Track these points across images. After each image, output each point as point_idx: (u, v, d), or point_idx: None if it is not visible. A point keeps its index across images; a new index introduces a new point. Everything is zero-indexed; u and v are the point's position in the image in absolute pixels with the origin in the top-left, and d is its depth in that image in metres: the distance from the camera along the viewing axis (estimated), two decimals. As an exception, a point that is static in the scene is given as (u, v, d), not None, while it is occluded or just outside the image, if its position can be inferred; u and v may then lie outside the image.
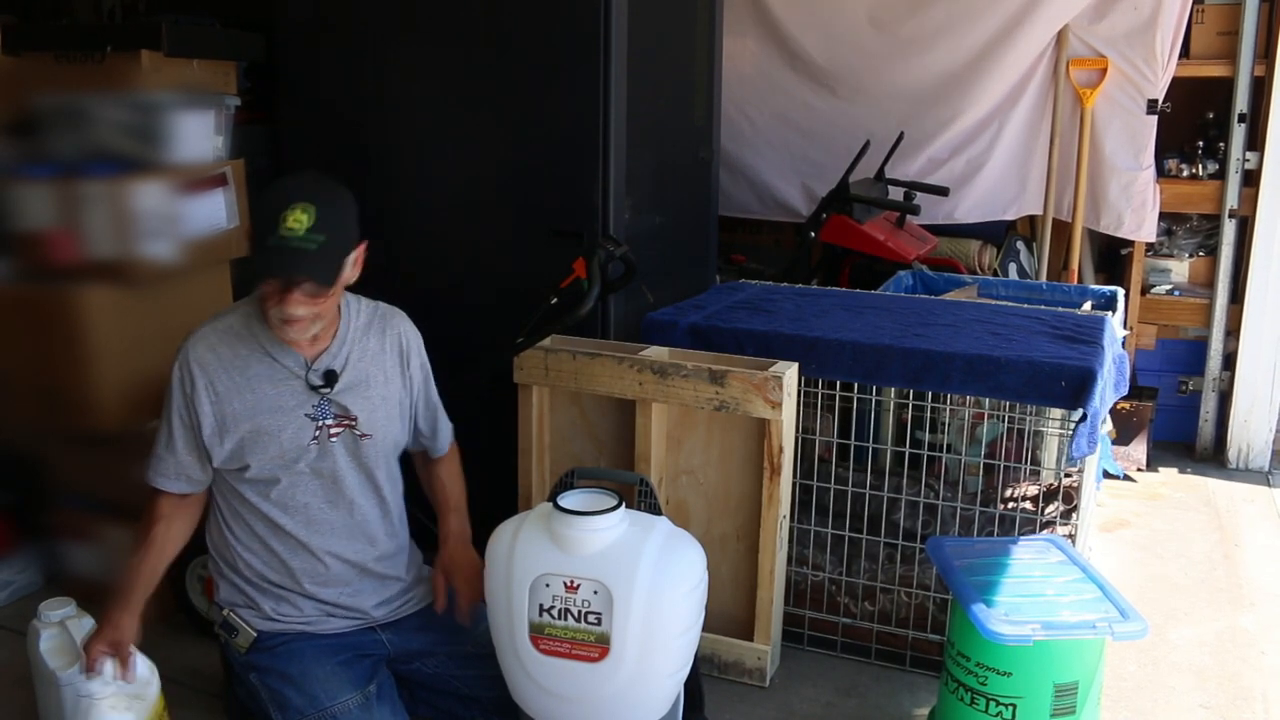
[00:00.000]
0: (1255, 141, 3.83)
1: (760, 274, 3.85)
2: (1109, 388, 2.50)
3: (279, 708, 1.98)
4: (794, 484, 2.51)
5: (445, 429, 2.28)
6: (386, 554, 2.14)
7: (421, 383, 2.18)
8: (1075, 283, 3.99)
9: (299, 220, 1.82)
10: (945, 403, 2.75)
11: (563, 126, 2.74)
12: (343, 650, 2.06)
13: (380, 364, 2.09)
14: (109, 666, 1.92)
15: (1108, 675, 2.13)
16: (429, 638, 2.15)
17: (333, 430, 2.02)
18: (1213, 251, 4.02)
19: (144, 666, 1.99)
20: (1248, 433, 3.92)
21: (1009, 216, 4.18)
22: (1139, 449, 3.84)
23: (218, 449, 1.99)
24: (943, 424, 2.82)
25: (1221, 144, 3.91)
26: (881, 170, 3.97)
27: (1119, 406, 3.71)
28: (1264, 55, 3.78)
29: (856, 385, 2.54)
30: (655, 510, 2.29)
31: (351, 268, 1.95)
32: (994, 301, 3.25)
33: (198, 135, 2.74)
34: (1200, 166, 3.97)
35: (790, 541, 2.54)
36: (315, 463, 2.02)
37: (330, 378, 2.01)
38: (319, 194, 1.87)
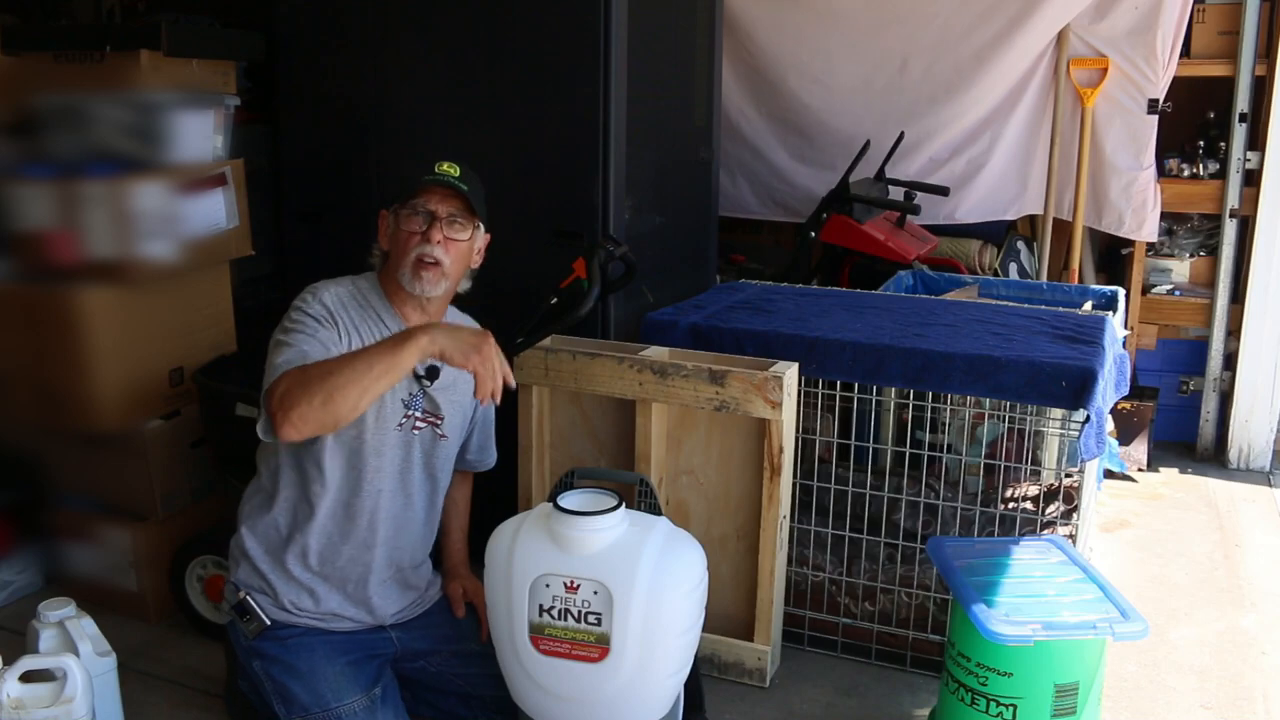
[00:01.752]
0: (1256, 141, 3.83)
1: (760, 274, 3.85)
2: (1110, 388, 2.50)
3: (283, 701, 1.97)
4: (794, 484, 2.51)
5: (491, 453, 2.32)
6: (416, 563, 2.15)
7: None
8: (1076, 283, 3.99)
9: (451, 168, 2.02)
10: (945, 403, 2.75)
11: (563, 127, 2.74)
12: (353, 649, 2.05)
13: (467, 375, 2.09)
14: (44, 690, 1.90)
15: (1108, 675, 2.12)
16: (435, 636, 2.15)
17: (418, 422, 2.04)
18: (1213, 251, 4.02)
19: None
20: (1248, 433, 3.92)
21: (1009, 216, 4.18)
22: (1139, 449, 3.84)
23: None
24: (943, 424, 2.82)
25: (1222, 144, 3.91)
26: (882, 170, 3.97)
27: (1120, 406, 3.71)
28: (1265, 55, 3.78)
29: (856, 385, 2.54)
30: (655, 510, 2.29)
31: (480, 248, 2.08)
32: (994, 301, 3.25)
33: (197, 135, 2.74)
34: (1201, 166, 3.97)
35: (790, 542, 2.53)
36: (399, 449, 2.02)
37: (433, 372, 2.02)
38: (463, 165, 2.06)
